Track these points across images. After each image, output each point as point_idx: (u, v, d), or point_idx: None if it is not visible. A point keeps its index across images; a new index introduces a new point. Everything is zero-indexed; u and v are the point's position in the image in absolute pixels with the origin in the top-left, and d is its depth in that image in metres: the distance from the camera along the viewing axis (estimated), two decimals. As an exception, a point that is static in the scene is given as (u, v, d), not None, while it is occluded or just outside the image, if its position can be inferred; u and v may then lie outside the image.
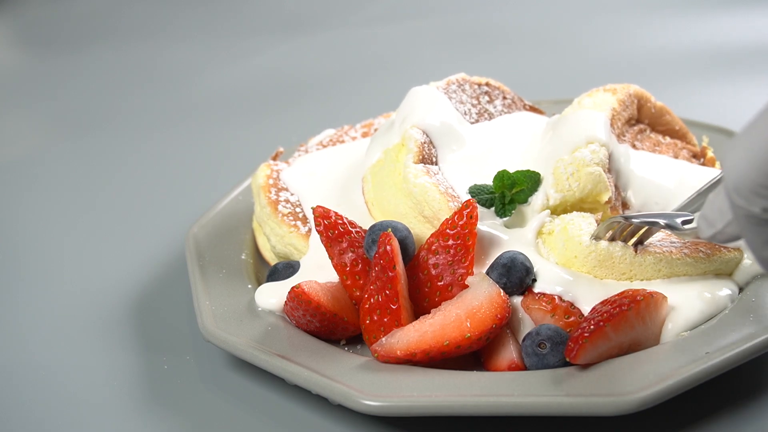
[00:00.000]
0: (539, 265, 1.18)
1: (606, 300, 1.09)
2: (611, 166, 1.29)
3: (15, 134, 2.35)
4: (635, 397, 0.96)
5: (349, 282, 1.21)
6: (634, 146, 1.40)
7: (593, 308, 1.10)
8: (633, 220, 1.15)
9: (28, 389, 1.24)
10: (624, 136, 1.40)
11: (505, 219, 1.25)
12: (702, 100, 2.09)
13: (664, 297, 1.12)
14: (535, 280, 1.17)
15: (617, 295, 1.10)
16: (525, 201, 1.26)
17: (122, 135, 2.21)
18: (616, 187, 1.30)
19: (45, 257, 1.63)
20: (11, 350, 1.34)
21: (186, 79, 2.60)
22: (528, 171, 1.27)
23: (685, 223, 1.10)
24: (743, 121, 1.57)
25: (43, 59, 2.94)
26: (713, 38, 2.50)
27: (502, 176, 1.25)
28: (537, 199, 1.25)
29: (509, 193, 1.25)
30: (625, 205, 1.30)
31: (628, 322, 1.06)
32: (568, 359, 1.04)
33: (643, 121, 1.47)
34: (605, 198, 1.24)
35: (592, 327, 1.04)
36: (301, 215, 1.40)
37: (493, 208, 1.26)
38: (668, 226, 1.12)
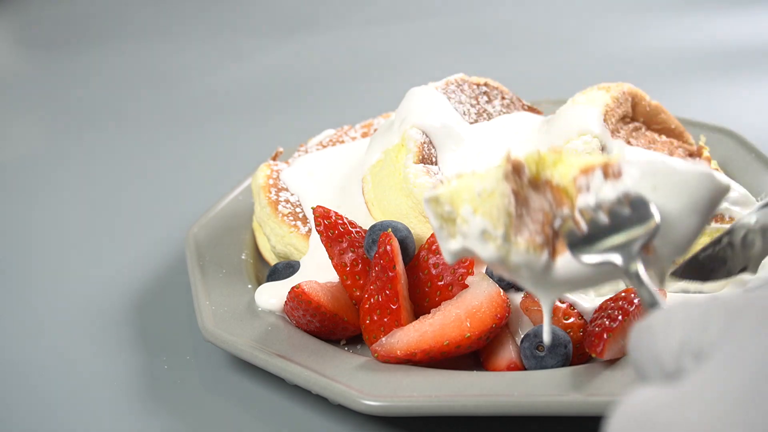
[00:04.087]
0: None
1: (613, 297, 1.10)
2: None
3: (15, 134, 2.35)
4: (635, 397, 0.96)
5: (349, 282, 1.21)
6: (629, 143, 1.41)
7: (600, 306, 1.10)
8: None
9: (29, 389, 1.24)
10: (618, 132, 1.41)
11: None
12: (701, 99, 2.09)
13: (663, 291, 1.13)
14: None
15: (623, 291, 1.11)
16: None
17: (122, 135, 2.21)
18: None
19: (45, 257, 1.63)
20: (11, 350, 1.34)
21: (186, 79, 2.60)
22: None
23: None
24: (742, 120, 1.56)
25: (44, 59, 2.94)
26: (713, 38, 2.50)
27: None
28: None
29: None
30: None
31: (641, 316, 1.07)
32: (593, 354, 1.05)
33: (638, 119, 1.48)
34: None
35: (614, 323, 1.05)
36: (301, 215, 1.40)
37: None
38: None
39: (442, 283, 1.17)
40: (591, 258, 0.88)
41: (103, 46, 2.97)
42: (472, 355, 1.14)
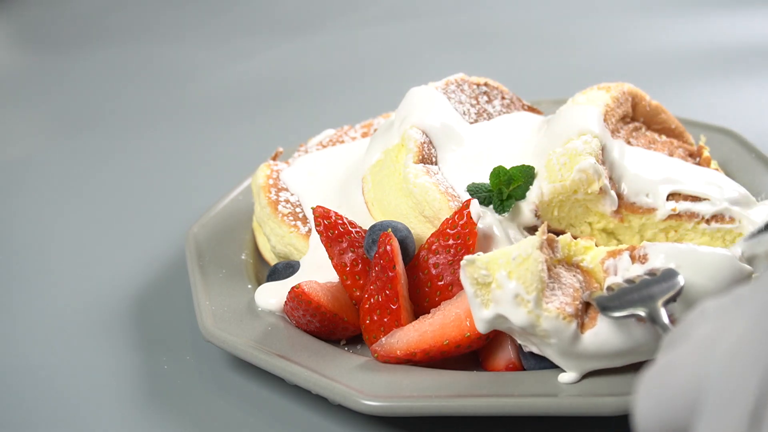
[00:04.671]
0: None
1: None
2: (605, 158, 1.30)
3: (15, 134, 2.35)
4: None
5: (349, 282, 1.21)
6: (629, 143, 1.41)
7: None
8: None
9: (28, 389, 1.24)
10: (618, 132, 1.41)
11: (504, 215, 1.26)
12: (701, 99, 2.09)
13: None
14: None
15: None
16: (523, 197, 1.27)
17: (122, 135, 2.22)
18: (611, 179, 1.30)
19: (45, 257, 1.63)
20: (11, 350, 1.34)
21: (186, 79, 2.60)
22: (522, 166, 1.27)
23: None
24: (742, 120, 1.56)
25: (43, 59, 2.94)
26: (713, 38, 2.50)
27: (498, 173, 1.26)
28: (531, 193, 1.26)
29: (506, 189, 1.26)
30: (619, 197, 1.31)
31: None
32: None
33: (639, 119, 1.48)
34: (596, 187, 1.24)
35: None
36: (301, 215, 1.40)
37: (491, 206, 1.27)
38: None
39: (442, 283, 1.17)
40: (617, 313, 0.97)
41: (103, 46, 2.97)
42: (471, 355, 1.14)
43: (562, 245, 1.09)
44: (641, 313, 0.95)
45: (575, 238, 1.16)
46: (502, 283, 1.00)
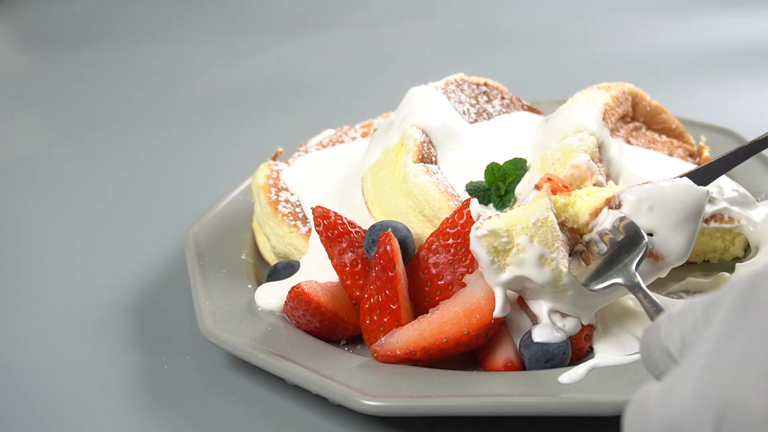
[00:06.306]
0: None
1: None
2: (602, 156, 1.30)
3: (15, 134, 2.35)
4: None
5: (349, 282, 1.21)
6: (628, 142, 1.41)
7: None
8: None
9: (29, 389, 1.24)
10: (618, 131, 1.41)
11: (504, 211, 1.26)
12: (701, 100, 2.09)
13: None
14: None
15: None
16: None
17: (122, 135, 2.22)
18: (608, 177, 1.30)
19: (45, 257, 1.63)
20: (12, 350, 1.34)
21: (186, 79, 2.60)
22: (514, 159, 1.28)
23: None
24: (742, 121, 1.56)
25: (43, 59, 2.94)
26: (713, 38, 2.50)
27: (492, 169, 1.26)
28: (521, 187, 1.26)
29: (503, 185, 1.26)
30: None
31: None
32: None
33: (639, 119, 1.48)
34: (589, 184, 1.24)
35: None
36: (301, 215, 1.40)
37: (491, 204, 1.26)
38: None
39: (442, 282, 1.17)
40: (599, 285, 1.04)
41: (103, 46, 2.97)
42: (471, 355, 1.14)
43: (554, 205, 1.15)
44: (620, 281, 1.03)
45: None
46: (525, 247, 1.06)
